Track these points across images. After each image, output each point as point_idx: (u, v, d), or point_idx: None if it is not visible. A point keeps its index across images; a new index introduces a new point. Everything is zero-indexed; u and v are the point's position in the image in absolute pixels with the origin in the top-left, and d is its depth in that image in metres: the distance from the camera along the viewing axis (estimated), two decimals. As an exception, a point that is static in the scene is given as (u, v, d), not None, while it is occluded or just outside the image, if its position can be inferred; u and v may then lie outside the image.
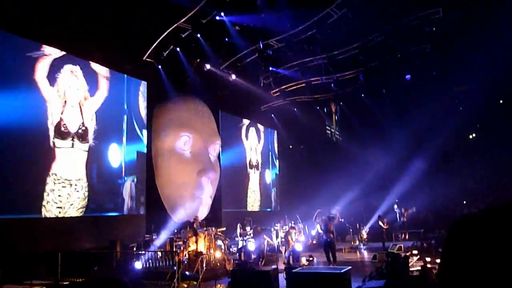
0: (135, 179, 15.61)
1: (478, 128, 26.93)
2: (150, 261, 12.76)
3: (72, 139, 13.01)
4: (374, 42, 18.41)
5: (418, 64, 19.59)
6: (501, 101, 25.46)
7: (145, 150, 16.08)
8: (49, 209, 12.15)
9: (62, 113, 12.77)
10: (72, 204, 12.86)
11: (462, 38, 18.59)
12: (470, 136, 27.29)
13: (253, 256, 14.08)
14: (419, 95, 23.43)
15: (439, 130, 24.17)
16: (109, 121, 14.56)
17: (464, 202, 23.92)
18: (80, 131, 13.29)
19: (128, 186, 15.24)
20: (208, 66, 18.07)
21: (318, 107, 25.15)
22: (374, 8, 16.94)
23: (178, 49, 16.29)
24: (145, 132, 16.14)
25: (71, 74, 13.18)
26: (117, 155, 14.82)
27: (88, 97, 13.75)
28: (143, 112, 16.21)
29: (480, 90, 22.79)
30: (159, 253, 13.02)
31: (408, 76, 20.37)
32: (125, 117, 15.33)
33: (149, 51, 15.86)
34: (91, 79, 13.91)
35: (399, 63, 19.92)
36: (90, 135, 13.66)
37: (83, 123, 13.44)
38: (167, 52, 16.18)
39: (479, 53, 19.15)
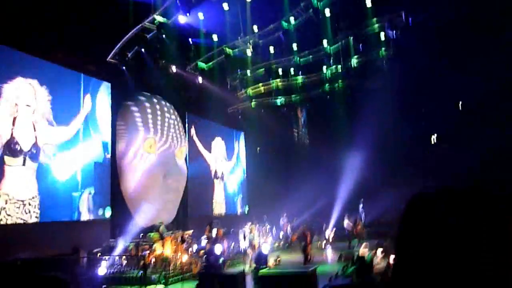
0: (92, 191, 14.70)
1: (439, 130, 27.76)
2: (115, 266, 12.49)
3: (24, 157, 12.15)
4: (339, 45, 18.72)
5: (381, 68, 20.02)
6: (459, 106, 26.35)
7: (101, 159, 15.36)
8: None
9: (12, 130, 11.93)
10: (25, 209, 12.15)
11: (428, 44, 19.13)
12: (432, 139, 28.09)
13: (221, 260, 14.00)
14: (384, 99, 23.97)
15: (402, 132, 24.82)
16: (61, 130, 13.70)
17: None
18: (33, 149, 12.42)
19: (85, 199, 14.44)
20: (174, 68, 17.89)
21: (285, 109, 25.31)
22: (339, 12, 17.25)
23: (143, 50, 16.03)
24: (103, 136, 15.38)
25: (25, 86, 12.37)
26: (70, 167, 13.93)
27: (39, 109, 12.87)
28: (102, 115, 15.49)
29: (441, 95, 23.54)
30: (124, 258, 12.76)
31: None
32: (81, 125, 14.51)
33: (113, 52, 15.55)
34: (47, 80, 13.26)
35: (364, 67, 20.34)
36: (43, 150, 12.83)
37: (36, 139, 12.55)
38: (131, 53, 15.90)
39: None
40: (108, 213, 15.18)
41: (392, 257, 11.98)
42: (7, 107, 11.89)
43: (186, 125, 20.16)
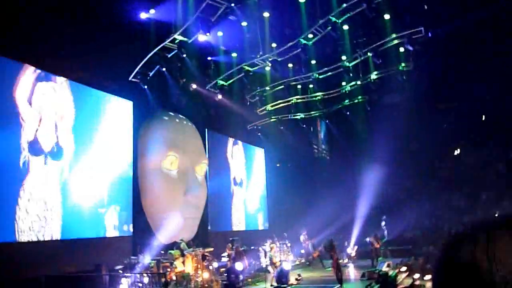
0: (118, 208, 14.94)
1: (463, 144, 27.28)
2: (136, 283, 12.52)
3: (45, 158, 12.45)
4: (358, 60, 18.72)
5: (401, 82, 19.91)
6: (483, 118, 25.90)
7: (124, 176, 15.58)
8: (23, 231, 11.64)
9: (37, 131, 12.27)
10: (47, 226, 12.32)
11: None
12: (455, 152, 27.60)
13: (241, 277, 13.90)
14: (404, 113, 23.73)
15: (425, 147, 24.49)
16: (87, 145, 14.07)
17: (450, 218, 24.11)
18: (54, 149, 12.73)
19: (110, 216, 14.65)
20: (194, 86, 18.12)
21: (304, 125, 25.31)
22: (358, 27, 17.30)
23: (164, 69, 16.33)
24: (125, 154, 15.67)
25: (50, 91, 12.82)
26: (96, 183, 14.21)
27: (64, 117, 13.23)
28: (125, 133, 15.82)
29: (465, 107, 23.22)
30: (146, 275, 12.79)
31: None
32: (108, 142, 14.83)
33: (135, 71, 15.86)
34: (72, 98, 13.62)
35: (383, 82, 20.27)
36: (67, 157, 13.18)
37: (57, 141, 12.88)
38: (153, 72, 16.21)
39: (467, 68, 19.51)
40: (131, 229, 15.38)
41: (416, 275, 11.76)
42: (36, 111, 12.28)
43: (206, 142, 20.30)
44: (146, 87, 16.36)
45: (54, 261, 11.73)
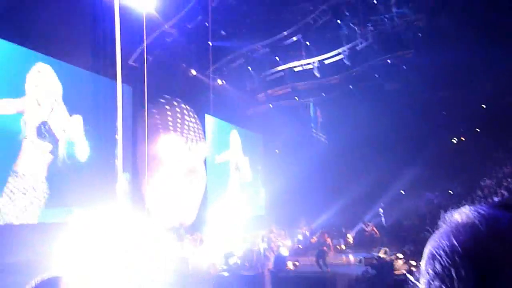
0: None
1: (462, 132, 27.23)
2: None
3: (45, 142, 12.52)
4: (359, 47, 18.62)
5: (404, 69, 19.84)
6: (483, 106, 25.81)
7: (127, 160, 15.53)
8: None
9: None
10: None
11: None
12: (454, 140, 27.59)
13: (238, 261, 14.05)
14: (406, 100, 23.67)
15: (425, 133, 24.47)
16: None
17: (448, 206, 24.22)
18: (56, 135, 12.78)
19: None
20: (193, 71, 18.03)
21: (304, 111, 25.27)
22: (359, 13, 17.15)
23: (164, 53, 16.22)
24: (124, 138, 15.61)
25: (42, 74, 12.61)
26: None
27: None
28: (124, 117, 15.75)
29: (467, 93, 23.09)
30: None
31: None
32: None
33: (134, 55, 15.75)
34: (67, 81, 13.53)
35: (384, 68, 20.19)
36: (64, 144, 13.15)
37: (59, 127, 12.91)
38: (153, 56, 16.09)
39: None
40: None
41: (413, 262, 11.88)
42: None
43: (206, 127, 20.29)
44: (145, 71, 16.23)
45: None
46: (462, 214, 0.80)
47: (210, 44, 17.41)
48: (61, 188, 12.60)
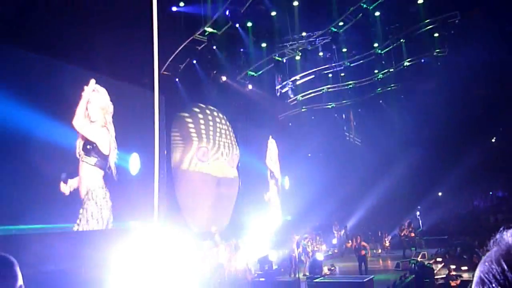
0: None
1: (500, 131, 26.34)
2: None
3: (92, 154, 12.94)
4: (390, 47, 18.34)
5: (437, 66, 19.38)
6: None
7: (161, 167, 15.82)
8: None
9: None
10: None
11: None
12: (493, 140, 26.71)
13: (274, 266, 14.00)
14: (439, 100, 23.10)
15: (461, 134, 23.80)
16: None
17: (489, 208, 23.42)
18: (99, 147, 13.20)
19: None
20: (224, 78, 18.19)
21: (336, 115, 25.06)
22: (390, 13, 16.90)
23: (194, 61, 16.44)
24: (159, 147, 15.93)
25: (94, 92, 13.15)
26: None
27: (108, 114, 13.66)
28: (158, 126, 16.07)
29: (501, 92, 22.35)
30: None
31: None
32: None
33: (166, 65, 16.04)
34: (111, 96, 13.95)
35: (417, 68, 19.80)
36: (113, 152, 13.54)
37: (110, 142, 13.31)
38: (183, 64, 16.34)
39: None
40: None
41: (452, 266, 11.51)
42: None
43: (238, 133, 20.39)
44: (177, 80, 16.53)
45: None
46: None
47: (240, 50, 17.57)
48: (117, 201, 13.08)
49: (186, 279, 11.47)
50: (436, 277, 11.08)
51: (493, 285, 0.69)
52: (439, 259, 15.09)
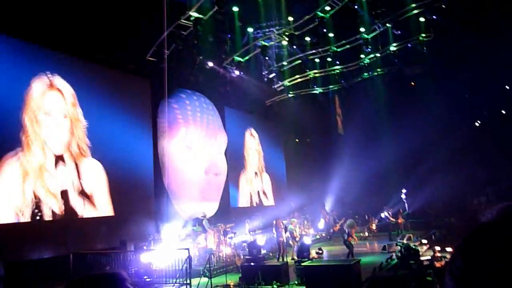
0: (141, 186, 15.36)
1: (485, 115, 26.68)
2: (160, 259, 12.82)
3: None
4: (377, 32, 18.36)
5: (424, 52, 19.45)
6: (506, 87, 25.18)
7: (148, 153, 15.76)
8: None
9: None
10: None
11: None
12: (476, 124, 27.04)
13: (262, 251, 14.10)
14: (428, 87, 23.24)
15: (446, 118, 24.04)
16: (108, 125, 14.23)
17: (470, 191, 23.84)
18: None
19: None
20: (210, 63, 18.06)
21: (323, 99, 25.08)
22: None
23: (180, 47, 16.25)
24: (145, 133, 15.79)
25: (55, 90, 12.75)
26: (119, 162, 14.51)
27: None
28: (144, 112, 15.92)
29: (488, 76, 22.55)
30: (169, 251, 13.08)
31: None
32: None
33: (151, 50, 15.85)
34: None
35: (404, 54, 19.88)
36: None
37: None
38: (169, 50, 16.15)
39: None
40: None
41: (437, 248, 11.73)
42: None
43: (225, 119, 20.35)
44: (163, 65, 16.32)
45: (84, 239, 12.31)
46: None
47: (227, 35, 17.40)
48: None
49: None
50: (421, 258, 11.29)
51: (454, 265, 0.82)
52: (424, 241, 15.38)
